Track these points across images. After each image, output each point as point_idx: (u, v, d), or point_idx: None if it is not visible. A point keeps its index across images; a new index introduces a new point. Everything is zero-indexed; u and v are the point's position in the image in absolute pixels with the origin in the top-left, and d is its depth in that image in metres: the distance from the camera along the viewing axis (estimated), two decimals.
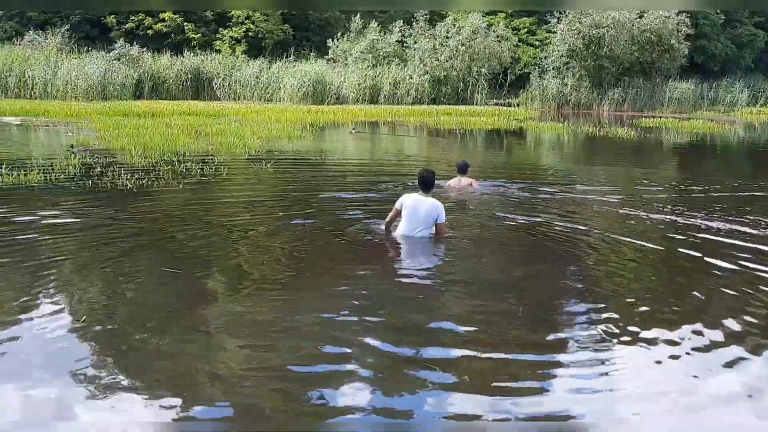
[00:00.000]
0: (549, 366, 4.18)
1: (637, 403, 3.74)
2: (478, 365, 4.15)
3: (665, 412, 3.69)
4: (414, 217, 6.70)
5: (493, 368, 4.14)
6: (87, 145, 14.23)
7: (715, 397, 3.87)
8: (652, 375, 4.14)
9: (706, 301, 5.44)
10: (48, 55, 30.62)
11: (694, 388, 3.98)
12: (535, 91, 35.29)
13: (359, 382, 3.89)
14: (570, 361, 4.24)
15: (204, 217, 7.96)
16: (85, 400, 3.64)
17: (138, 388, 3.76)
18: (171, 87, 32.94)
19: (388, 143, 19.56)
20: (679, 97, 33.97)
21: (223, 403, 3.64)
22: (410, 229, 6.74)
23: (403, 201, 6.80)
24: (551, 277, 6.01)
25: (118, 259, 6.14)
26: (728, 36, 38.01)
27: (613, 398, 3.82)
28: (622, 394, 3.86)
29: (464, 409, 3.64)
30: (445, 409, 3.67)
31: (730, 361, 4.29)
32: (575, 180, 11.87)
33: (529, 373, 4.07)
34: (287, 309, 4.99)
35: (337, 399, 3.71)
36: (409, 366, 4.09)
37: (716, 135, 23.31)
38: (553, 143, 20.11)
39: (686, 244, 7.13)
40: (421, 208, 6.69)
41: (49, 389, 3.75)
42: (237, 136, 16.10)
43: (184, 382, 3.86)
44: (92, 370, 3.97)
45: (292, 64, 33.83)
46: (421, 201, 6.74)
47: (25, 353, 4.19)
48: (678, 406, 3.77)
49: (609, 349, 4.41)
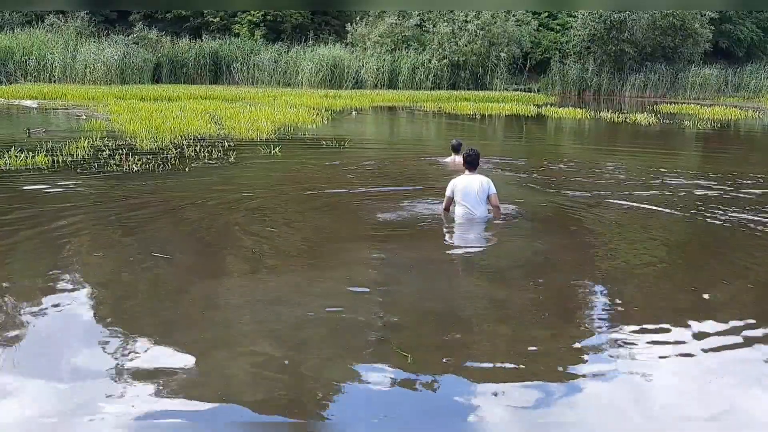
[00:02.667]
0: (567, 361, 4.06)
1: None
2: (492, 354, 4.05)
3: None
4: (468, 195, 6.89)
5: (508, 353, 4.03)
6: (96, 127, 14.25)
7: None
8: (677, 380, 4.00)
9: (736, 295, 5.28)
10: (67, 39, 30.77)
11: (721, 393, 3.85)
12: (556, 77, 34.90)
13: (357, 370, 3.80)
14: (586, 359, 4.12)
15: (206, 200, 7.90)
16: (90, 389, 3.60)
17: (142, 372, 3.71)
18: (190, 71, 33.02)
19: (393, 127, 19.40)
20: (702, 83, 33.36)
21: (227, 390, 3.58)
22: (469, 207, 6.91)
23: (454, 184, 6.97)
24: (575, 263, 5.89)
25: (119, 241, 6.11)
26: (754, 20, 37.18)
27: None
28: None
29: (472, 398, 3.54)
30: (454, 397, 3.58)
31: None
32: (584, 164, 11.65)
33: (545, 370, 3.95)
34: (302, 290, 4.91)
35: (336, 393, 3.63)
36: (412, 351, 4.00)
37: (740, 122, 22.83)
38: (571, 129, 19.81)
39: (712, 233, 6.95)
40: (474, 185, 6.89)
41: (52, 375, 3.71)
42: (250, 120, 16.03)
43: (187, 369, 3.80)
44: (91, 356, 3.93)
45: (311, 48, 33.68)
46: (470, 179, 6.94)
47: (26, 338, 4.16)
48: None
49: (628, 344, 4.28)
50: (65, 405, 3.39)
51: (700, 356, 4.10)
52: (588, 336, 4.37)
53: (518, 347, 4.16)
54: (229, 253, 6.02)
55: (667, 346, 4.20)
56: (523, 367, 3.90)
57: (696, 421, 3.44)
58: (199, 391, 3.56)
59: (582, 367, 3.95)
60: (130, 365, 3.79)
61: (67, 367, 3.80)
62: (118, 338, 4.13)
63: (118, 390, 3.54)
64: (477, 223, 6.96)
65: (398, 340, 4.17)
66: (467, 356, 4.01)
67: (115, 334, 4.20)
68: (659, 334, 4.37)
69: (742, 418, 3.51)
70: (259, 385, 3.67)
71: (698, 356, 4.10)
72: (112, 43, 31.08)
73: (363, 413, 3.45)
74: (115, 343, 4.06)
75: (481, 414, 3.42)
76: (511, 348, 4.16)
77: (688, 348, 4.19)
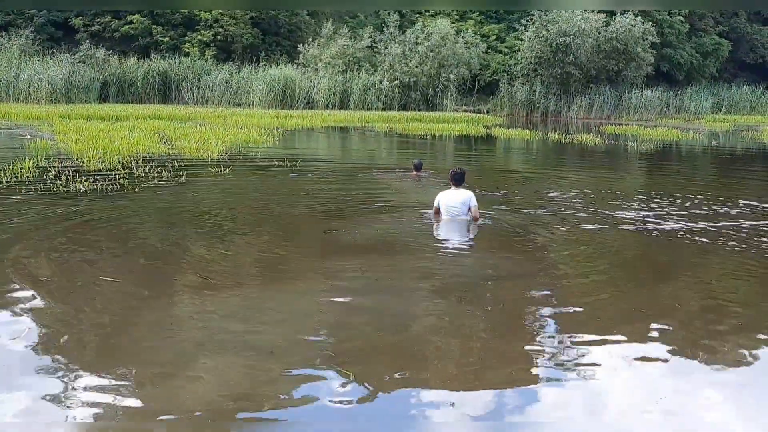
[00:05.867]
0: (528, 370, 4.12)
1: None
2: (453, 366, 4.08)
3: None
4: (452, 207, 7.83)
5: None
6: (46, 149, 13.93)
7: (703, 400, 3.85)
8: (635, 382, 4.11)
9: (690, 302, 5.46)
10: (11, 57, 30.08)
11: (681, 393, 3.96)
12: (504, 98, 35.56)
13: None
14: (544, 369, 4.19)
15: (155, 221, 7.79)
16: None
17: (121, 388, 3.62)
18: (138, 90, 32.56)
19: (345, 146, 19.49)
20: (645, 105, 34.44)
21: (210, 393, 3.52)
22: (451, 216, 7.84)
23: (439, 198, 7.95)
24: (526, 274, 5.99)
25: (66, 264, 5.97)
26: (693, 45, 38.67)
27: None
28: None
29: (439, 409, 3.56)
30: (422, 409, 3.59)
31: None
32: (533, 183, 11.89)
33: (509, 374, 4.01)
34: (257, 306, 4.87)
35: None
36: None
37: (682, 142, 23.62)
38: (520, 149, 20.19)
39: (655, 245, 7.17)
40: (458, 198, 7.84)
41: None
42: (200, 140, 15.89)
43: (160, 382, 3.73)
44: (34, 387, 3.82)
45: (262, 69, 33.62)
46: (455, 193, 7.91)
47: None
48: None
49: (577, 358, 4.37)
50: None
51: (650, 363, 4.25)
52: (539, 346, 4.45)
53: (470, 359, 4.22)
54: (180, 275, 5.94)
55: (618, 355, 4.36)
56: (473, 377, 3.97)
57: (646, 426, 3.55)
58: (148, 415, 3.50)
59: (533, 375, 4.03)
60: (74, 395, 3.68)
61: (9, 400, 3.68)
62: (63, 367, 4.01)
63: (62, 418, 3.45)
64: (434, 238, 7.58)
65: (344, 357, 4.18)
66: (417, 369, 4.05)
67: (60, 362, 4.08)
68: (609, 344, 4.51)
69: (691, 424, 3.63)
70: (207, 406, 3.62)
71: (648, 363, 4.25)
72: (58, 61, 30.48)
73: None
74: (60, 372, 3.94)
75: (433, 424, 3.46)
76: (463, 359, 4.21)
77: (638, 354, 4.35)
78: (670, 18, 37.17)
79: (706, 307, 5.51)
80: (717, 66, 40.17)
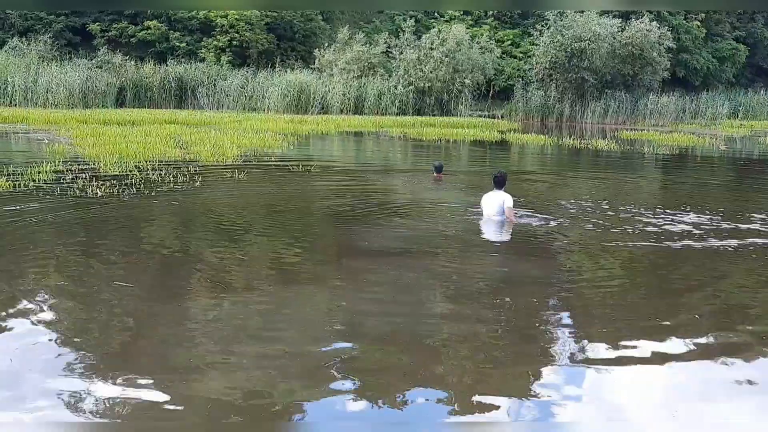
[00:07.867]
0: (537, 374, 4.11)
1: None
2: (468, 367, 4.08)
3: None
4: (490, 206, 8.55)
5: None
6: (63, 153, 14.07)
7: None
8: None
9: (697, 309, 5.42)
10: (29, 63, 30.39)
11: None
12: (519, 103, 35.46)
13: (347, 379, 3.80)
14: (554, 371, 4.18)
15: (171, 225, 7.85)
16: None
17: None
18: (154, 95, 32.76)
19: (359, 151, 19.52)
20: (661, 110, 34.18)
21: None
22: (487, 214, 8.56)
23: (483, 199, 8.71)
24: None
25: (82, 268, 6.03)
26: (709, 50, 38.40)
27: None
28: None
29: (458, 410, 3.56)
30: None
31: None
32: (549, 189, 11.85)
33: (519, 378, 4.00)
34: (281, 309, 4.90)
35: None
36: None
37: (697, 148, 23.44)
38: (535, 155, 20.14)
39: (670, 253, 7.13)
40: (495, 199, 8.50)
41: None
42: (215, 145, 15.98)
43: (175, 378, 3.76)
44: (54, 389, 3.86)
45: (277, 74, 33.76)
46: (493, 194, 8.58)
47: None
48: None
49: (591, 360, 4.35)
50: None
51: (663, 373, 4.22)
52: (551, 355, 4.44)
53: (485, 364, 4.21)
54: (195, 278, 5.98)
55: (635, 363, 4.35)
56: (488, 381, 3.96)
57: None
58: (164, 414, 3.53)
59: (546, 384, 4.01)
60: (92, 395, 3.72)
61: (30, 401, 3.72)
62: (80, 371, 4.05)
63: (80, 418, 3.49)
64: (451, 240, 7.87)
65: (358, 362, 4.19)
66: (431, 374, 4.05)
67: (77, 366, 4.12)
68: (621, 351, 4.49)
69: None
70: (221, 406, 3.65)
71: (661, 373, 4.22)
72: (75, 67, 30.77)
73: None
74: (78, 374, 3.99)
75: (446, 428, 3.46)
76: (478, 364, 4.21)
77: (655, 363, 4.34)
78: (686, 23, 36.98)
79: (726, 318, 5.45)
80: (734, 71, 39.86)
